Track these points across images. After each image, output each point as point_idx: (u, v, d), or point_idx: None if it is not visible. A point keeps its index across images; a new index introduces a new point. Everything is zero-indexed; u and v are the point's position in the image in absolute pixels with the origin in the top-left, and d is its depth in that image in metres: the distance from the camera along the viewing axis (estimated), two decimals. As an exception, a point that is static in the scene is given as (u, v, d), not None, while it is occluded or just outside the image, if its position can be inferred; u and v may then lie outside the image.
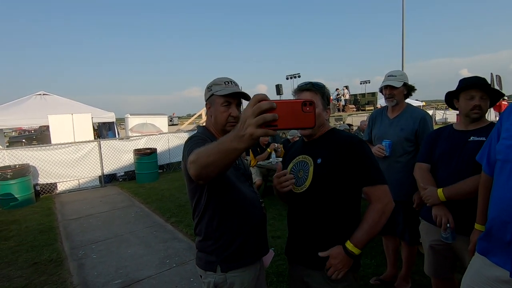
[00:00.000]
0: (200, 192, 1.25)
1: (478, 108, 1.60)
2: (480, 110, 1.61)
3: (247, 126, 0.63)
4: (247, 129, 0.64)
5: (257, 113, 0.62)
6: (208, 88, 1.32)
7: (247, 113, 0.64)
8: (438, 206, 1.65)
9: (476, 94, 1.61)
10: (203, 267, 1.29)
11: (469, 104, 1.62)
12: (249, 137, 0.64)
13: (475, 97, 1.61)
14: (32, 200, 5.87)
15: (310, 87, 1.29)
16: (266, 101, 0.63)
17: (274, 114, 0.62)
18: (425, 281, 2.42)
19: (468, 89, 1.62)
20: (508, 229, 1.06)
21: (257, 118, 0.62)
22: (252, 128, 0.63)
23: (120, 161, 7.53)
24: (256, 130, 0.63)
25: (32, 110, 8.01)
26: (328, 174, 1.25)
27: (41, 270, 3.15)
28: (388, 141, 2.22)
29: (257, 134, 0.63)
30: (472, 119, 1.65)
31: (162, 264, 3.19)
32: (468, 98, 1.63)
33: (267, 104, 0.62)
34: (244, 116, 0.65)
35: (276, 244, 3.40)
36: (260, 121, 0.62)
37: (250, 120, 0.63)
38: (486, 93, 1.61)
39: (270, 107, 0.62)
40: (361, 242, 1.19)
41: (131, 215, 4.96)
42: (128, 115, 10.51)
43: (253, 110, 0.62)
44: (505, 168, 1.11)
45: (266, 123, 0.62)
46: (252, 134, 0.63)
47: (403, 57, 15.47)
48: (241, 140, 0.67)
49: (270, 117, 0.62)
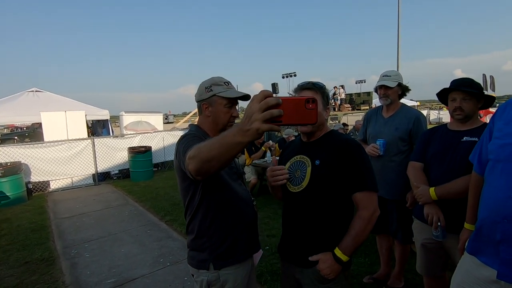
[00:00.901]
0: (194, 190, 1.24)
1: (460, 110, 1.63)
2: (461, 111, 1.63)
3: (253, 121, 0.65)
4: (253, 124, 0.65)
5: (264, 109, 0.64)
6: (207, 88, 1.31)
7: (253, 108, 0.65)
8: (429, 205, 1.66)
9: (457, 96, 1.64)
10: (195, 265, 1.28)
11: (452, 105, 1.66)
12: (255, 132, 0.66)
13: (456, 99, 1.64)
14: (24, 199, 5.80)
15: (311, 86, 1.30)
16: (273, 97, 0.65)
17: (280, 110, 0.64)
18: (417, 279, 2.44)
19: (451, 91, 1.67)
20: (497, 229, 1.07)
21: (264, 113, 0.63)
22: (258, 122, 0.64)
23: (114, 159, 7.47)
24: (263, 125, 0.64)
25: (24, 107, 7.89)
26: (325, 176, 1.27)
27: (33, 269, 3.11)
28: (382, 140, 2.23)
29: (263, 129, 0.65)
30: (456, 120, 1.69)
31: (156, 263, 3.18)
32: (451, 100, 1.67)
33: (274, 100, 0.64)
34: (250, 111, 0.65)
35: (271, 242, 3.40)
36: (267, 116, 0.63)
37: (257, 115, 0.64)
38: (469, 94, 1.62)
39: (276, 103, 0.64)
40: (349, 249, 1.22)
41: (125, 213, 4.92)
42: (122, 113, 10.41)
43: (261, 105, 0.64)
44: (496, 168, 1.12)
45: (271, 119, 0.64)
46: (259, 129, 0.65)
47: (398, 57, 15.55)
48: (245, 134, 0.68)
49: (277, 112, 0.63)
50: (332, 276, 1.23)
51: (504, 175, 1.07)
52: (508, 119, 1.13)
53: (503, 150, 1.10)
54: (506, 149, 1.09)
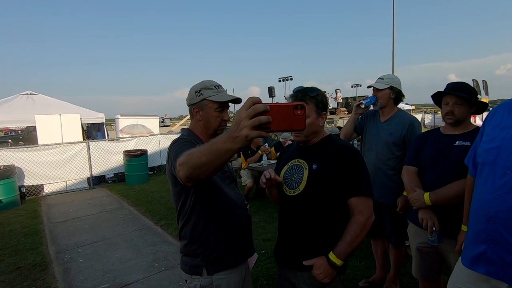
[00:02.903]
0: (186, 195, 1.24)
1: (451, 114, 1.65)
2: (453, 116, 1.64)
3: (242, 128, 0.65)
4: (242, 131, 0.65)
5: (252, 115, 0.64)
6: (197, 92, 1.30)
7: (242, 115, 0.65)
8: (424, 210, 1.67)
9: (450, 100, 1.65)
10: (188, 271, 1.27)
11: (445, 109, 1.67)
12: (244, 139, 0.66)
13: (449, 102, 1.65)
14: (17, 203, 5.72)
15: (302, 97, 1.28)
16: (261, 104, 0.65)
17: (268, 116, 0.64)
18: (413, 283, 2.44)
19: (444, 95, 1.68)
20: (483, 230, 1.11)
21: (252, 120, 0.63)
22: (247, 129, 0.64)
23: (109, 162, 7.41)
24: (251, 131, 0.64)
25: (18, 110, 7.82)
26: (322, 180, 1.27)
27: (25, 275, 3.05)
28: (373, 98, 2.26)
29: (252, 136, 0.65)
30: (448, 124, 1.70)
31: (151, 267, 3.14)
32: (445, 103, 1.68)
33: (262, 107, 0.64)
34: (239, 118, 0.66)
35: (267, 246, 3.39)
36: (255, 123, 0.63)
37: (245, 122, 0.64)
38: (461, 99, 1.62)
39: (264, 110, 0.63)
40: (343, 254, 1.22)
41: (120, 217, 4.87)
42: (118, 116, 10.36)
43: (249, 112, 0.64)
44: (484, 171, 1.15)
45: (260, 125, 0.64)
46: (247, 136, 0.65)
47: (393, 61, 15.72)
48: (235, 141, 0.68)
49: (265, 119, 0.63)
50: (327, 280, 1.23)
51: (490, 178, 1.10)
52: (496, 124, 1.16)
53: (489, 154, 1.13)
54: (492, 153, 1.12)
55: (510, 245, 1.02)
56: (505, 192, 1.04)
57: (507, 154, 1.06)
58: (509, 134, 1.08)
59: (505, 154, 1.07)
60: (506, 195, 1.03)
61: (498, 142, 1.11)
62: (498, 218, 1.04)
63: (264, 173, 1.31)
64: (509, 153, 1.06)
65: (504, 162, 1.06)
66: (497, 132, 1.13)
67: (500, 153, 1.09)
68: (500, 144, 1.10)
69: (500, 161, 1.08)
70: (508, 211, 1.02)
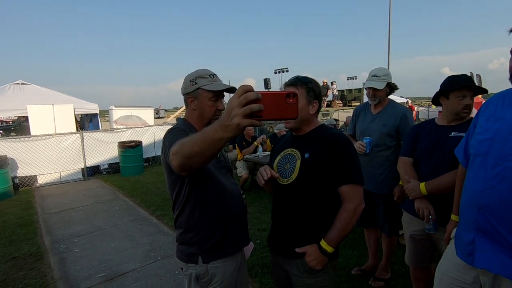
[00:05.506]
0: (181, 185, 1.24)
1: (469, 108, 1.65)
2: (469, 110, 1.66)
3: (233, 116, 0.64)
4: (233, 119, 0.64)
5: (243, 104, 0.63)
6: (192, 81, 1.29)
7: (233, 103, 0.64)
8: (420, 199, 1.70)
9: (467, 93, 1.64)
10: (184, 259, 1.29)
11: (460, 103, 1.65)
12: (236, 127, 0.65)
13: (467, 96, 1.64)
14: (11, 193, 5.67)
15: (293, 82, 1.32)
16: (253, 92, 0.64)
17: (260, 104, 0.63)
18: (404, 270, 2.51)
19: (461, 89, 1.65)
20: (473, 219, 1.12)
21: (244, 108, 0.63)
22: (238, 118, 0.63)
23: (104, 153, 7.35)
24: (243, 120, 0.63)
25: (9, 100, 7.66)
26: (314, 169, 1.29)
27: (20, 265, 3.06)
28: (368, 139, 2.27)
29: (244, 124, 0.64)
30: (461, 118, 1.69)
31: (147, 257, 3.17)
32: (460, 97, 1.65)
33: (254, 95, 0.63)
34: (230, 106, 0.65)
35: (262, 236, 3.44)
36: (247, 111, 0.63)
37: (237, 110, 0.63)
38: (474, 93, 1.65)
39: (256, 98, 0.63)
40: (334, 241, 1.25)
41: (115, 208, 4.87)
42: (112, 107, 10.22)
43: (240, 100, 0.63)
44: (476, 161, 1.17)
45: (252, 114, 0.63)
46: (239, 124, 0.64)
47: (389, 55, 15.74)
48: (226, 129, 0.67)
49: (257, 107, 0.63)
50: (319, 267, 1.25)
51: (482, 169, 1.11)
52: (489, 115, 1.17)
53: (482, 145, 1.14)
54: (485, 143, 1.13)
55: (499, 234, 1.04)
56: (497, 183, 1.05)
57: (500, 145, 1.07)
58: (503, 126, 1.09)
59: (498, 145, 1.08)
60: (498, 185, 1.04)
61: (492, 133, 1.12)
62: (488, 208, 1.06)
63: (261, 173, 1.32)
64: (502, 144, 1.07)
65: (497, 153, 1.07)
66: (491, 124, 1.14)
67: (493, 144, 1.10)
68: (493, 135, 1.11)
69: (493, 152, 1.09)
70: (499, 201, 1.03)
